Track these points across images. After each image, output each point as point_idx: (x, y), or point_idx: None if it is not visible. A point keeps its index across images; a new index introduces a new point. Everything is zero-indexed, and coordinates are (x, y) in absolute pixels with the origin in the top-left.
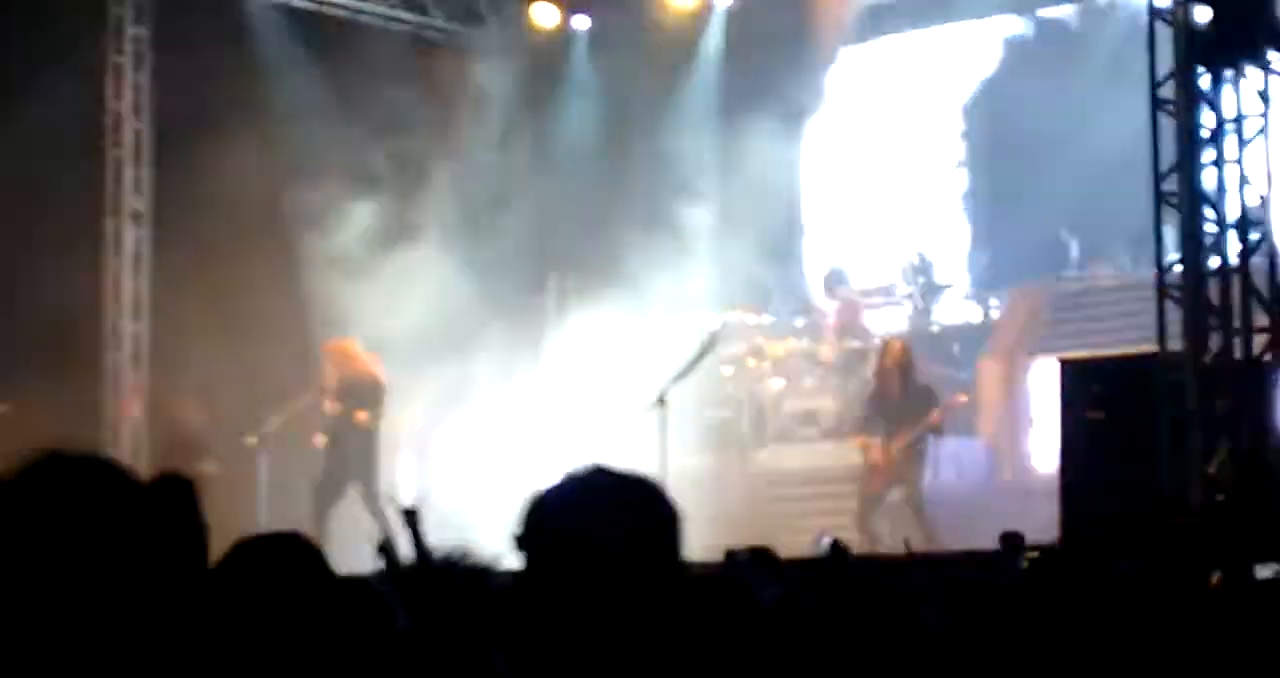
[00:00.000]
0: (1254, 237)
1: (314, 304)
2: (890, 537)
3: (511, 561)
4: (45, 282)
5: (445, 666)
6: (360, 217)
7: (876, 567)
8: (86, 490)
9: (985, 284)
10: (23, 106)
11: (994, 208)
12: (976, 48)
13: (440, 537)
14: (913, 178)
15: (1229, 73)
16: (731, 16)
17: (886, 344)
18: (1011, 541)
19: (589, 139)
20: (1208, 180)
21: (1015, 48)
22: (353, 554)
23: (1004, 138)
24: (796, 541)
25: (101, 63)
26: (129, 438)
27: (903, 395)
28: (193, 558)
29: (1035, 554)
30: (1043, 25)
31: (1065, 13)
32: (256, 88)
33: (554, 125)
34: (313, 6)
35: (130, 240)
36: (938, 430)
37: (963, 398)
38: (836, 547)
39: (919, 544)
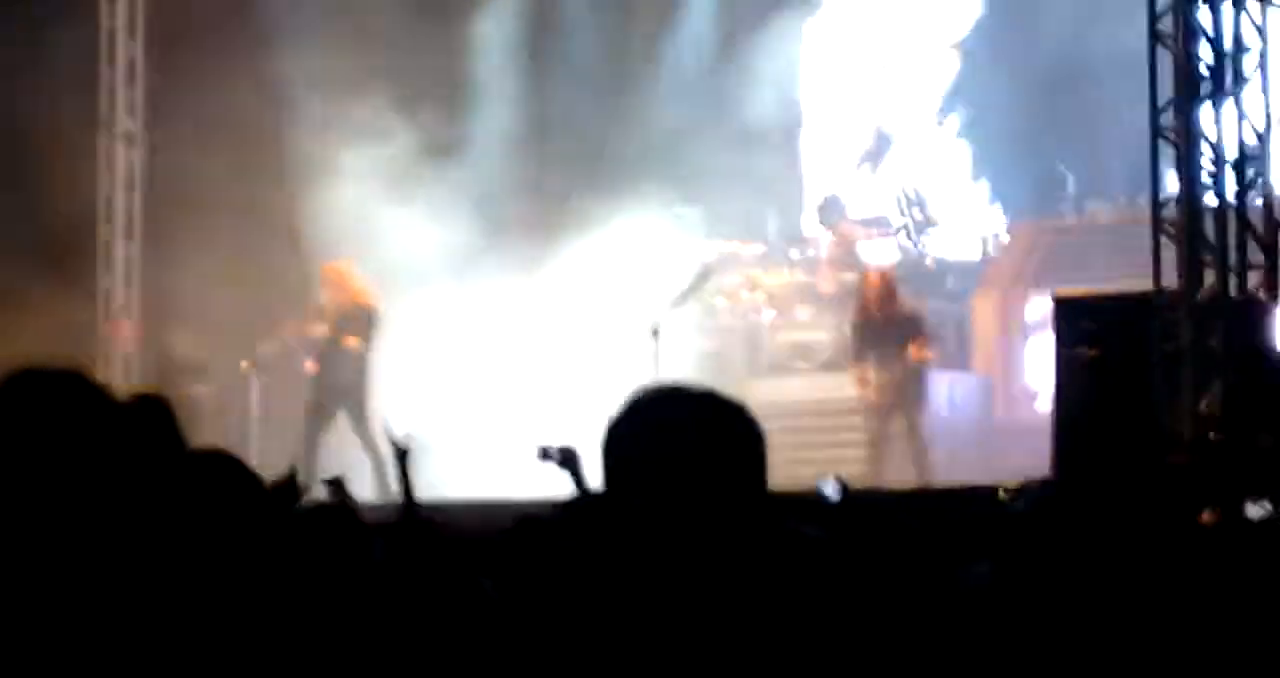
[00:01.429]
0: (1251, 174)
1: (312, 227)
2: (885, 475)
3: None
4: (38, 202)
5: (425, 595)
6: (359, 138)
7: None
8: (59, 403)
9: (982, 219)
10: (15, 23)
11: (991, 142)
12: None
13: (433, 466)
14: (909, 109)
15: (1228, 6)
16: None
17: (864, 276)
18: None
19: (589, 58)
20: (1205, 117)
21: None
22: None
23: (1002, 70)
24: (794, 472)
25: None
26: (119, 360)
27: (886, 325)
28: (168, 469)
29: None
30: None
31: None
32: (250, 19)
33: (555, 43)
34: None
35: (123, 161)
36: (924, 362)
37: (927, 354)
38: (844, 487)
39: (913, 479)
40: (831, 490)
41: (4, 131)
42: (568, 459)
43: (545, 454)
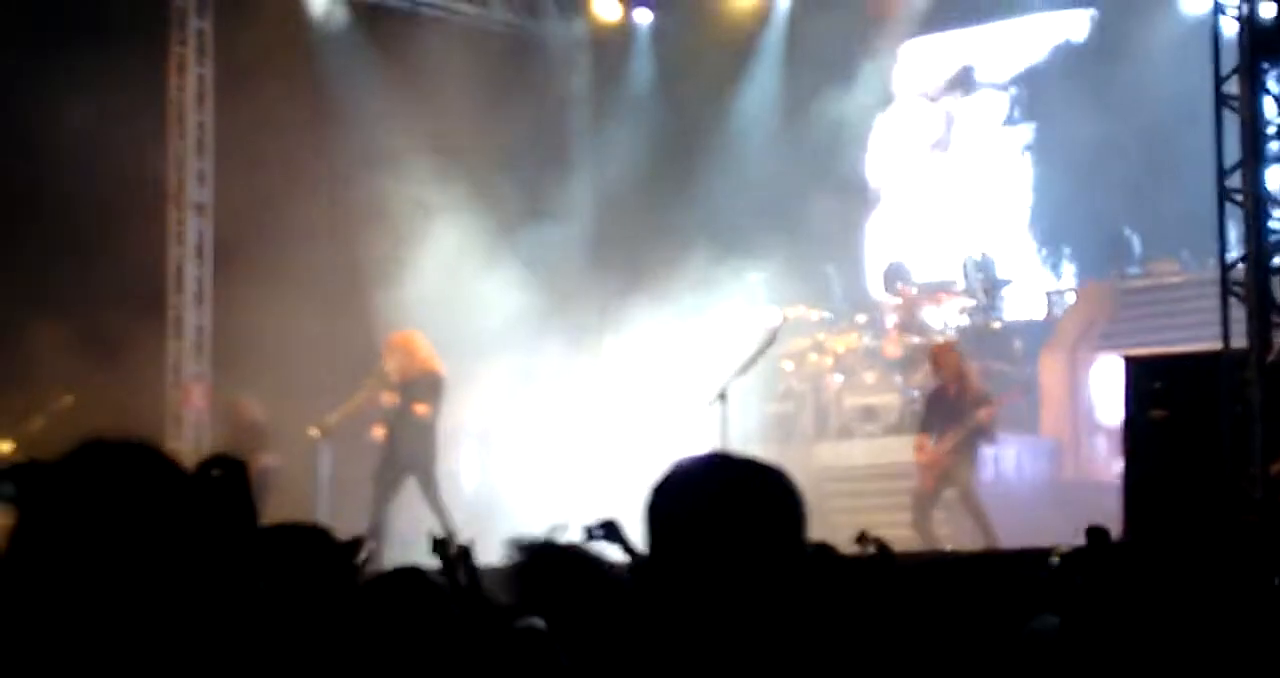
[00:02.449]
0: None
1: (379, 296)
2: (949, 538)
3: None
4: (109, 274)
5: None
6: (422, 213)
7: (922, 566)
8: (126, 473)
9: (1047, 281)
10: (86, 96)
11: (1056, 206)
12: (1038, 42)
13: (500, 529)
14: (975, 173)
15: None
16: (793, 10)
17: (934, 349)
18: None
19: (650, 134)
20: (1272, 177)
21: (1077, 42)
22: (411, 548)
23: (1067, 133)
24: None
25: (164, 55)
26: (191, 429)
27: (955, 398)
28: (242, 537)
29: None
30: (1106, 19)
31: (1128, 7)
32: (317, 80)
33: (616, 121)
34: None
35: (193, 231)
36: (987, 432)
37: (1013, 394)
38: (881, 546)
39: (977, 544)
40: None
41: (75, 199)
42: (611, 532)
43: (590, 534)
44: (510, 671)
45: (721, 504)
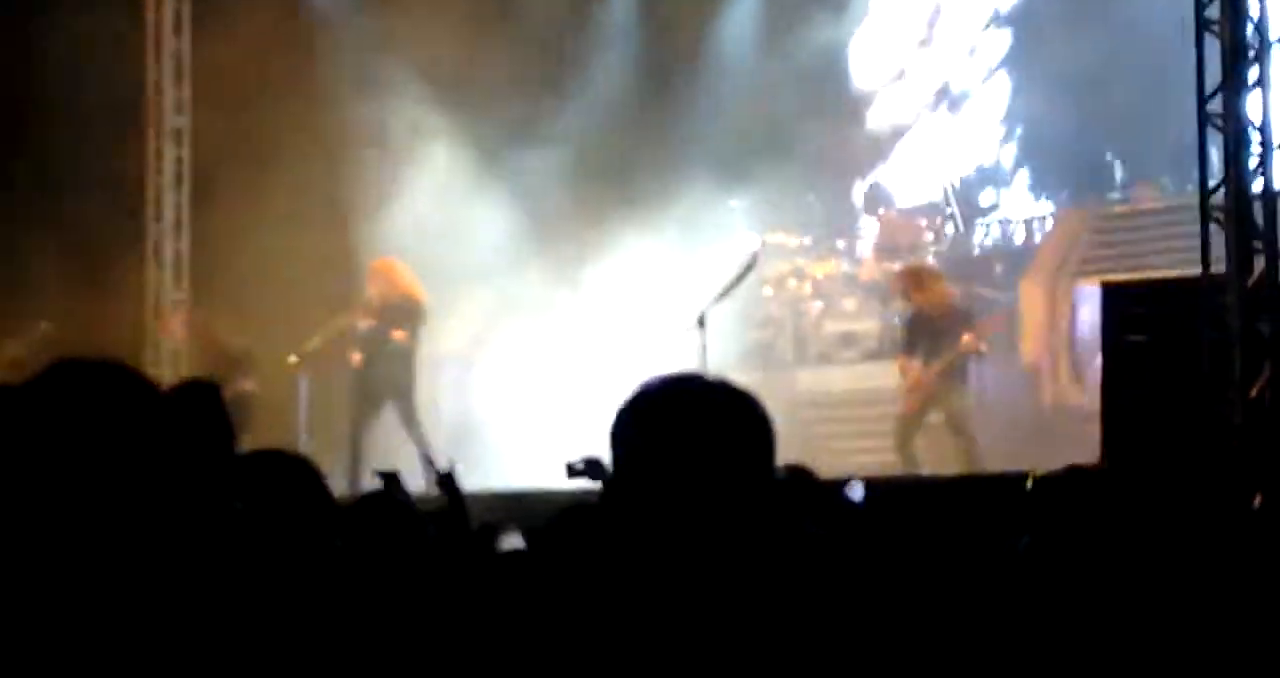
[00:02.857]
0: None
1: (359, 223)
2: (929, 460)
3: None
4: (87, 200)
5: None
6: (406, 139)
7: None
8: (99, 392)
9: (1028, 207)
10: (65, 14)
11: (1036, 130)
12: None
13: (479, 455)
14: (954, 97)
15: None
16: None
17: (909, 270)
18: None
19: (628, 64)
20: (1252, 102)
21: None
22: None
23: (1047, 58)
24: (839, 462)
25: None
26: (169, 354)
27: (937, 320)
28: (219, 458)
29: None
30: None
31: None
32: (297, 13)
33: (598, 46)
34: None
35: (171, 157)
36: (976, 351)
37: (997, 319)
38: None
39: (961, 467)
40: (857, 494)
41: (53, 125)
42: (595, 470)
43: (573, 471)
44: (492, 591)
45: (688, 426)
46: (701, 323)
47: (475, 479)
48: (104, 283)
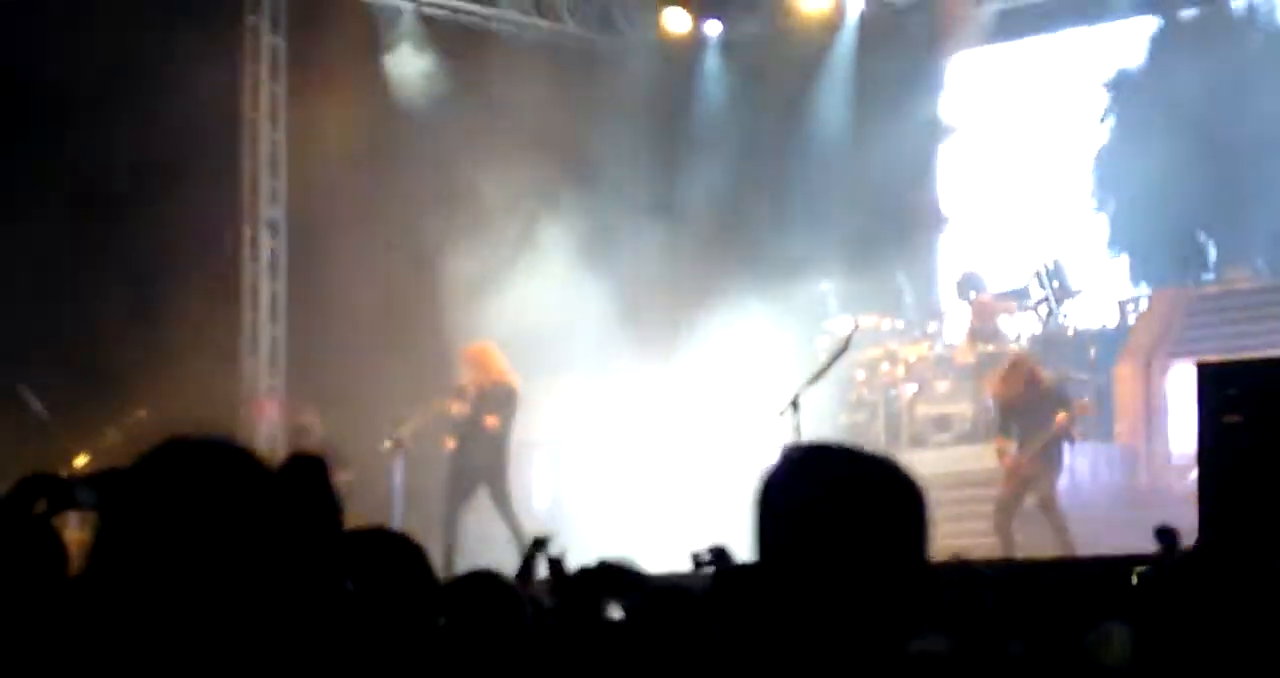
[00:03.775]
0: None
1: (451, 310)
2: (1027, 543)
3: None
4: (186, 286)
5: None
6: (499, 224)
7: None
8: (208, 470)
9: (1121, 289)
10: (160, 109)
11: (1129, 212)
12: (1105, 49)
13: (574, 541)
14: (1047, 182)
15: None
16: (864, 21)
17: (1005, 365)
18: (1167, 536)
19: (722, 146)
20: None
21: (1144, 48)
22: (482, 557)
23: (1139, 141)
24: (935, 546)
25: (239, 73)
26: (264, 441)
27: (1031, 402)
28: (327, 534)
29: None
30: (1174, 28)
31: (1202, 13)
32: (390, 97)
33: (687, 135)
34: (446, 14)
35: (266, 247)
36: (1069, 434)
37: (1086, 403)
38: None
39: (1055, 550)
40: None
41: (154, 213)
42: (720, 558)
43: (699, 562)
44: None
45: (841, 498)
46: (795, 406)
47: (571, 564)
48: (200, 371)
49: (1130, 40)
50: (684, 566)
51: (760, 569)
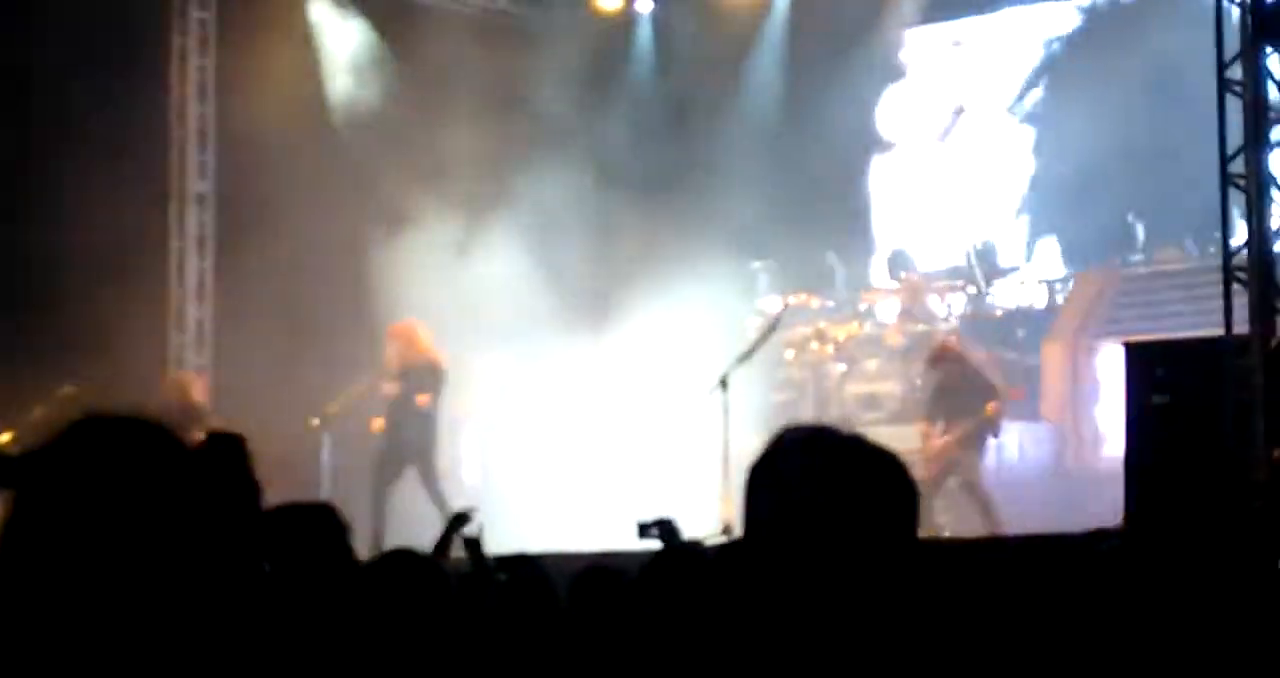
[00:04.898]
0: None
1: (379, 287)
2: (951, 526)
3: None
4: (111, 266)
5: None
6: (428, 201)
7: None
8: (125, 447)
9: (1050, 269)
10: (87, 91)
11: (1059, 192)
12: (1039, 31)
13: (503, 518)
14: (977, 162)
15: None
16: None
17: (938, 346)
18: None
19: (652, 123)
20: (1275, 162)
21: (1077, 31)
22: (411, 536)
23: (1068, 122)
24: None
25: (166, 47)
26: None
27: (960, 385)
28: (244, 512)
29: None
30: (1105, 8)
31: None
32: (320, 71)
33: (619, 110)
34: None
35: (194, 223)
36: (993, 425)
37: (1017, 390)
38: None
39: (981, 531)
40: None
41: (75, 185)
42: (667, 531)
43: (644, 531)
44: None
45: (838, 482)
46: (724, 385)
47: (494, 541)
48: (127, 348)
49: (1065, 21)
50: (613, 542)
51: (760, 547)
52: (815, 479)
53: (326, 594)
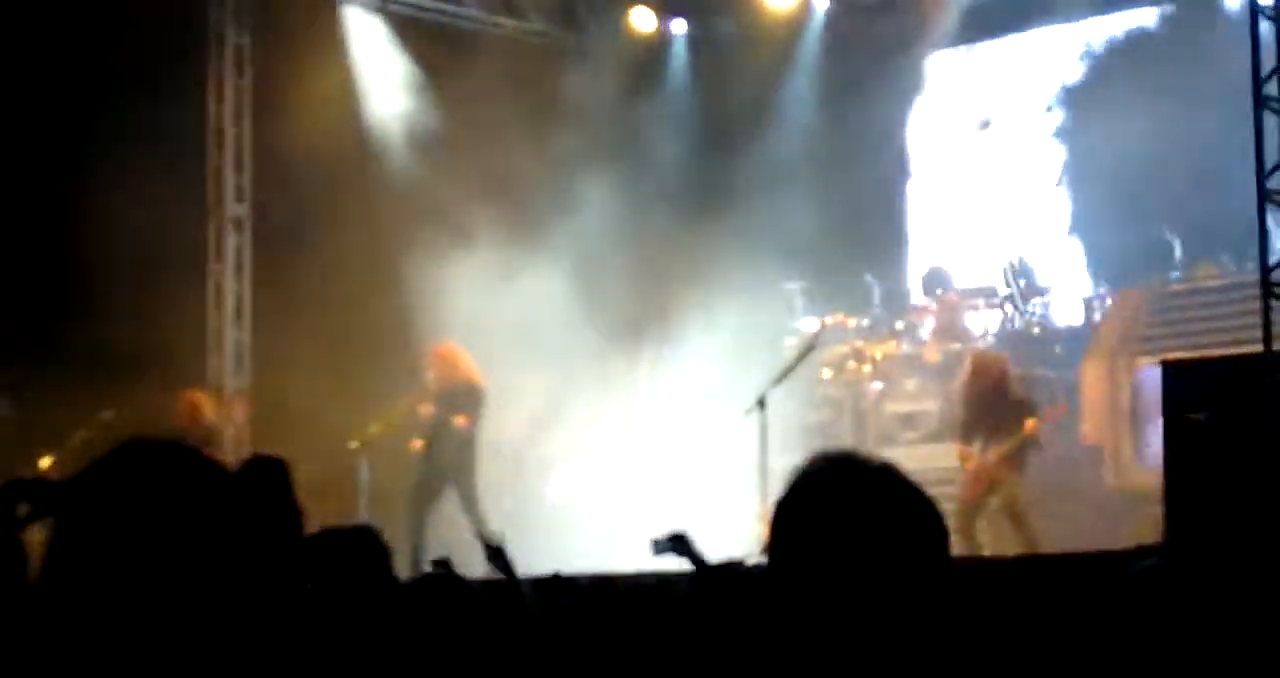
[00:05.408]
0: None
1: (418, 309)
2: (992, 544)
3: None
4: (150, 288)
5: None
6: (464, 222)
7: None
8: (165, 472)
9: (1087, 286)
10: (126, 114)
11: (1095, 209)
12: (1073, 49)
13: (538, 540)
14: (1014, 180)
15: None
16: (830, 20)
17: (975, 358)
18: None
19: (687, 145)
20: None
21: (1116, 48)
22: (449, 557)
23: (1103, 139)
24: None
25: (203, 70)
26: (231, 443)
27: (999, 403)
28: (287, 535)
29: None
30: (1143, 26)
31: (1167, 12)
32: (357, 94)
33: (653, 133)
34: (413, 12)
35: (232, 247)
36: (1035, 441)
37: (1061, 408)
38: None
39: (1020, 551)
40: None
41: (116, 212)
42: (681, 545)
43: (659, 547)
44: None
45: (862, 518)
46: (761, 404)
47: (530, 562)
48: (166, 372)
49: (1100, 38)
50: (652, 562)
51: (784, 583)
52: (841, 515)
53: (367, 616)
